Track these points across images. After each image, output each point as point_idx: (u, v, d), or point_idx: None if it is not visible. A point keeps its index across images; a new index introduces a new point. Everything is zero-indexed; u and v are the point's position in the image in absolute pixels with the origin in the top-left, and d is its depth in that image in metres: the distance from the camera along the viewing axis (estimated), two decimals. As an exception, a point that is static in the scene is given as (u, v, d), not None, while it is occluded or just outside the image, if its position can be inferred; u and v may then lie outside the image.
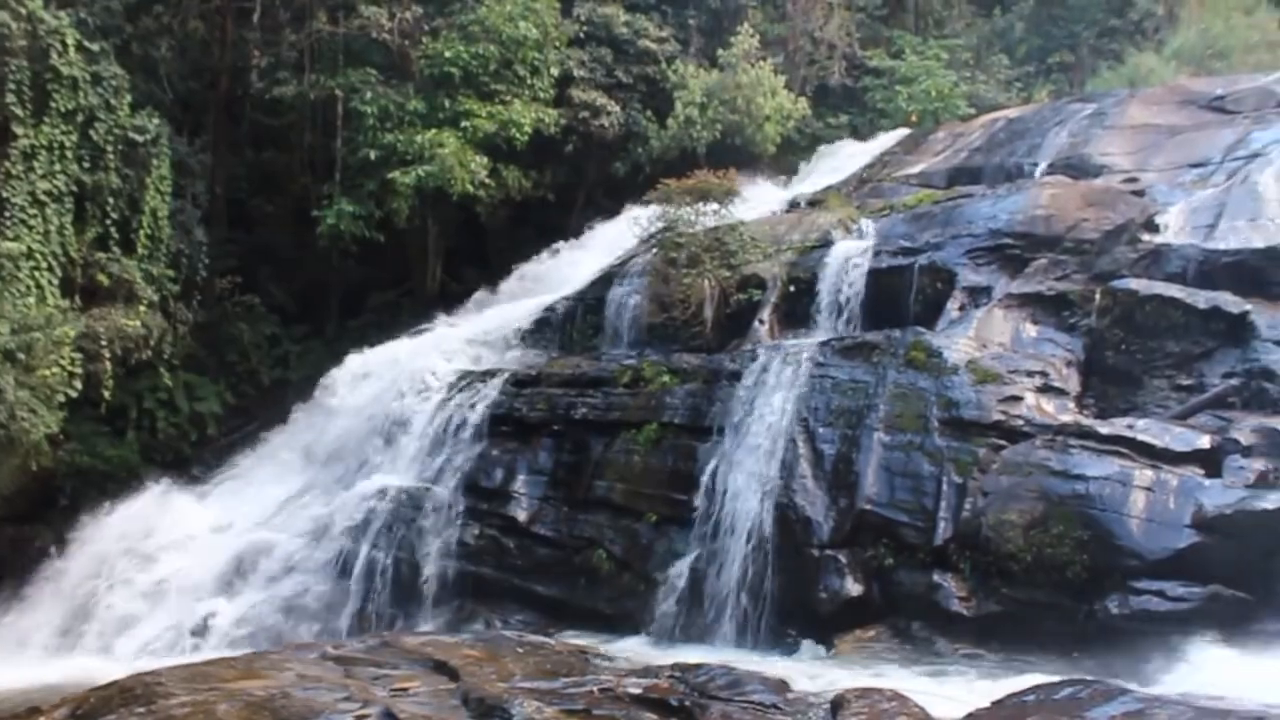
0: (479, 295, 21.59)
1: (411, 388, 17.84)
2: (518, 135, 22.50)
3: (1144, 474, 12.07)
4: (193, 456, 20.91)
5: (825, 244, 17.15)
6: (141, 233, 19.55)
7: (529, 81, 23.21)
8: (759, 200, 20.52)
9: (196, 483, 19.16)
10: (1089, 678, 8.98)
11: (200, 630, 15.53)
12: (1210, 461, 12.24)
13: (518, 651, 10.21)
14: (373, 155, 22.20)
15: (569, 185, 25.21)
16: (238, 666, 8.90)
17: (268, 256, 24.14)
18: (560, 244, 22.07)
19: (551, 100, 23.74)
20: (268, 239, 24.44)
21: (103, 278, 18.89)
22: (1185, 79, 22.97)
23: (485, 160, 22.15)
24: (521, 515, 15.85)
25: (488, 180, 22.26)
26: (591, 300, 18.57)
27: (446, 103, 22.46)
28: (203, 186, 22.00)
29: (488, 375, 17.49)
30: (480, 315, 20.40)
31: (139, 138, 19.37)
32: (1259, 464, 12.06)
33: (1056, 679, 8.95)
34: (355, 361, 19.50)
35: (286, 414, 19.93)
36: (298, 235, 23.61)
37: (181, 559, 16.78)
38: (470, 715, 7.87)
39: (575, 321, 18.62)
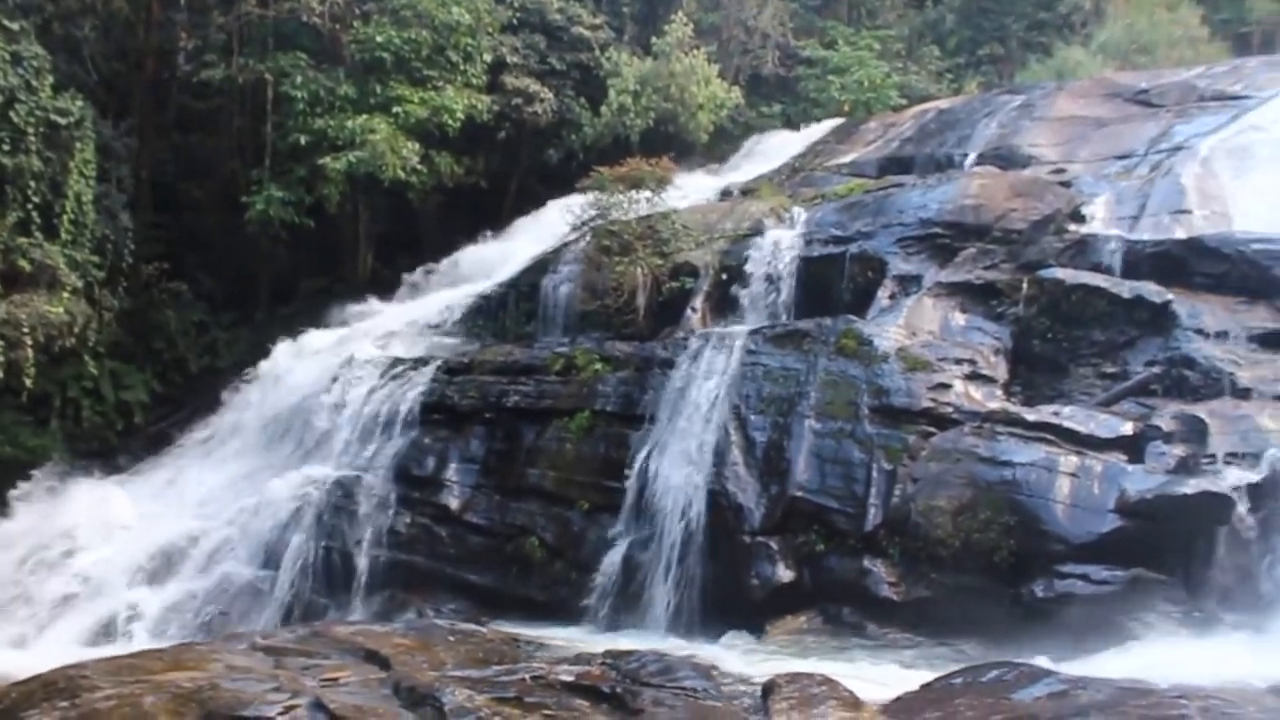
0: (411, 282, 21.41)
1: (343, 376, 17.65)
2: (450, 121, 22.32)
3: (1069, 460, 12.27)
4: (119, 446, 20.53)
5: (757, 232, 17.26)
6: (65, 217, 19.08)
7: (462, 67, 23.01)
8: (692, 188, 20.56)
9: (122, 472, 18.83)
10: (1015, 660, 9.12)
11: (126, 622, 15.25)
12: (1133, 448, 12.45)
13: (449, 640, 10.19)
14: (303, 140, 21.90)
15: (502, 172, 25.03)
16: (165, 658, 8.77)
17: (196, 242, 23.73)
18: (493, 231, 21.95)
19: (484, 86, 23.58)
20: (196, 225, 24.01)
21: (24, 263, 18.43)
22: (1111, 73, 23.37)
23: (417, 146, 21.93)
24: (453, 503, 15.74)
25: (420, 166, 22.04)
26: (524, 288, 18.52)
27: (378, 88, 22.20)
28: (128, 171, 21.56)
29: (419, 363, 17.36)
30: (412, 303, 20.26)
31: (61, 120, 18.91)
32: (1179, 450, 12.30)
33: (984, 662, 9.07)
34: (286, 349, 19.26)
35: (215, 402, 19.62)
36: (227, 221, 23.22)
37: (107, 549, 16.47)
38: (401, 704, 7.82)
39: (508, 309, 18.56)
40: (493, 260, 20.51)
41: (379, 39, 22.12)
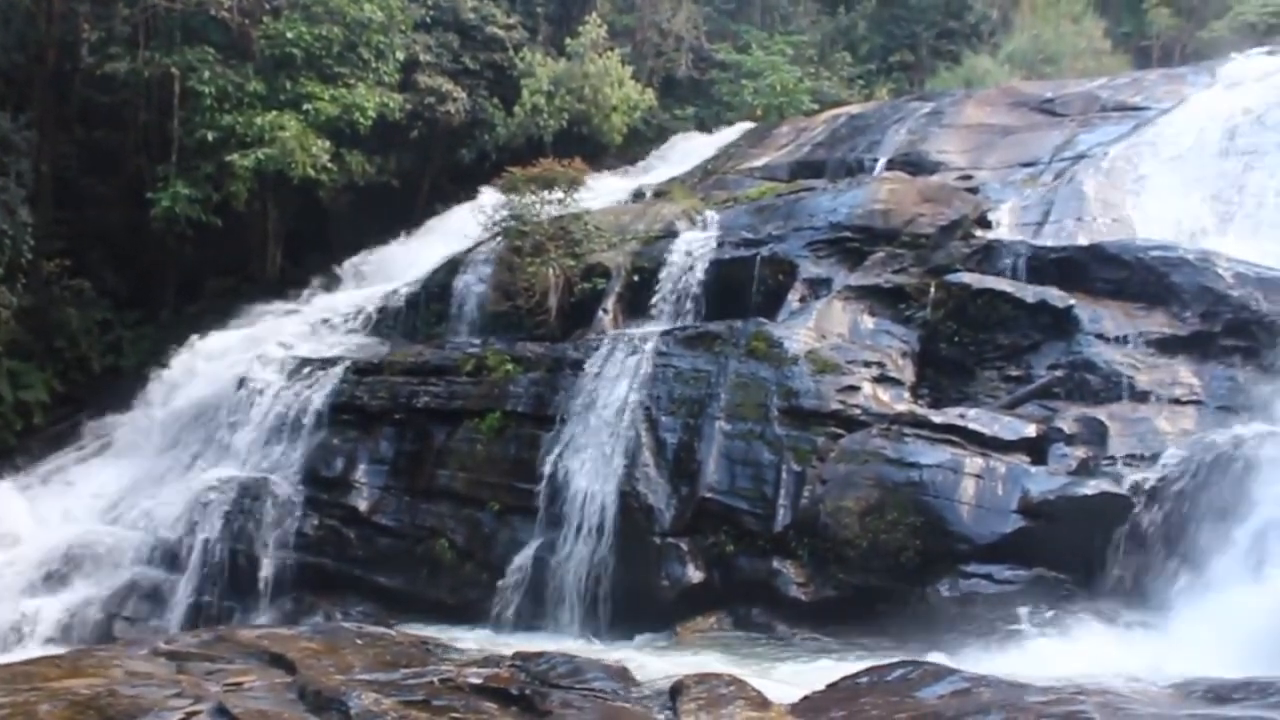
0: (320, 282, 21.18)
1: (250, 376, 17.40)
2: (361, 119, 22.11)
3: (974, 462, 12.48)
4: (17, 447, 19.99)
5: (669, 234, 17.31)
6: (-40, 212, 18.65)
7: (373, 65, 22.80)
8: (605, 190, 20.57)
9: (21, 474, 18.38)
10: (920, 659, 9.22)
11: (23, 629, 14.90)
12: (1036, 449, 12.71)
13: (357, 643, 10.04)
14: (210, 137, 21.53)
15: (414, 171, 24.85)
16: (63, 665, 8.52)
17: (100, 239, 23.21)
18: (405, 231, 21.78)
19: (396, 85, 23.39)
20: (100, 221, 23.46)
21: (-83, 259, 17.97)
22: (1018, 82, 23.79)
23: (327, 144, 21.70)
24: (362, 505, 15.61)
25: (330, 165, 21.81)
26: (435, 288, 18.39)
27: (288, 84, 21.93)
28: (28, 165, 20.94)
29: (328, 363, 17.15)
30: (321, 302, 20.01)
31: (-44, 112, 18.47)
32: (1080, 452, 12.58)
33: (889, 661, 9.16)
34: (193, 348, 18.95)
35: (119, 402, 19.26)
36: (132, 217, 22.74)
37: (3, 554, 16.07)
38: (306, 709, 7.68)
39: (419, 309, 18.41)
40: (404, 260, 20.40)
41: (289, 35, 21.83)
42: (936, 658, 9.49)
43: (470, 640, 12.31)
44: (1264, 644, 9.01)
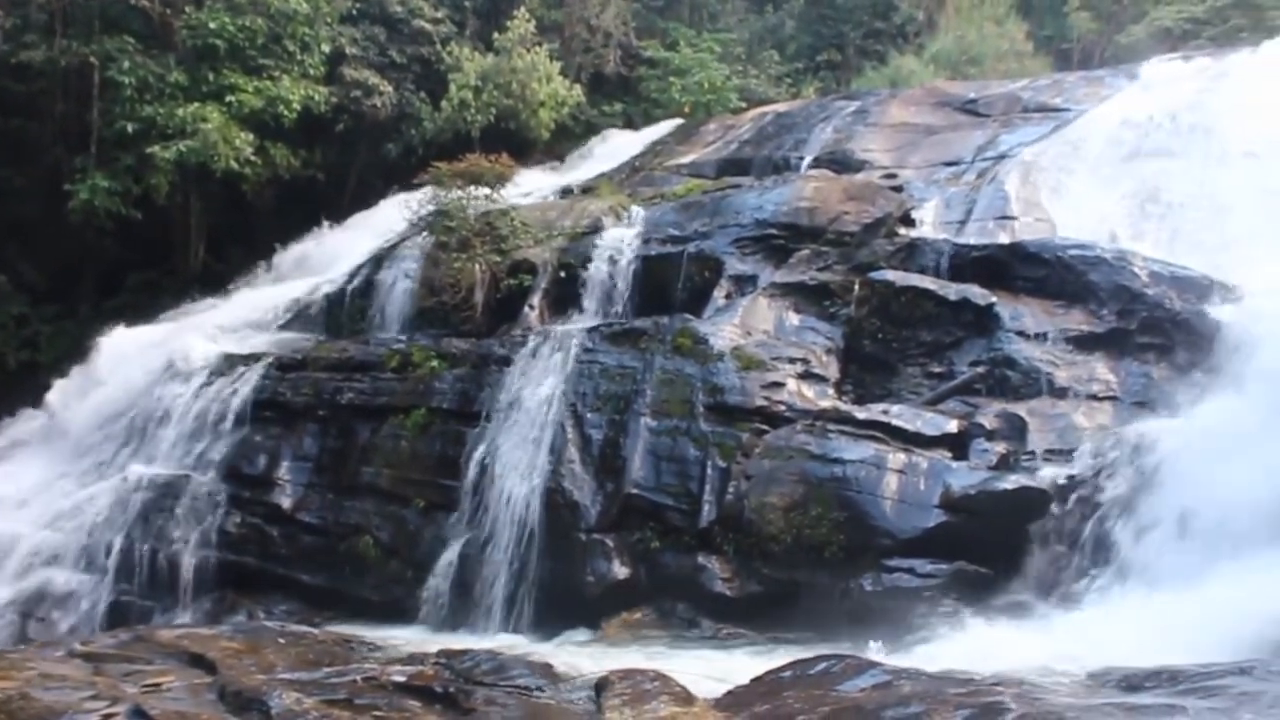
0: (244, 276, 20.94)
1: (171, 371, 17.16)
2: (286, 112, 21.90)
3: (897, 457, 12.58)
4: (-72, 444, 19.60)
5: (596, 230, 17.30)
6: None
7: (299, 57, 22.59)
8: (532, 186, 20.56)
9: (-69, 472, 17.97)
10: (843, 653, 9.29)
11: (-67, 632, 14.60)
12: (958, 445, 12.84)
13: (280, 642, 9.95)
14: (131, 128, 21.21)
15: (340, 165, 24.66)
16: (-26, 667, 8.37)
17: (16, 232, 22.76)
18: (330, 225, 21.57)
19: (322, 78, 23.19)
20: (16, 213, 22.99)
21: None
22: (942, 82, 24.05)
23: (251, 137, 21.46)
24: (286, 503, 15.47)
25: (254, 158, 21.58)
26: (360, 283, 18.23)
27: (211, 76, 21.66)
28: (-61, 155, 20.66)
29: (251, 359, 16.96)
30: (245, 297, 19.78)
31: None
32: (1001, 447, 12.75)
33: (813, 655, 9.24)
34: (113, 343, 18.61)
35: (36, 398, 18.89)
36: (50, 210, 22.32)
37: (-87, 554, 15.72)
38: (227, 709, 7.60)
39: (344, 305, 18.24)
40: (329, 255, 20.16)
41: (212, 25, 21.56)
42: (860, 651, 9.57)
43: (395, 638, 12.24)
44: (1175, 634, 9.19)
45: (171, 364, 17.25)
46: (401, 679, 8.18)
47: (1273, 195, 14.74)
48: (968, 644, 10.30)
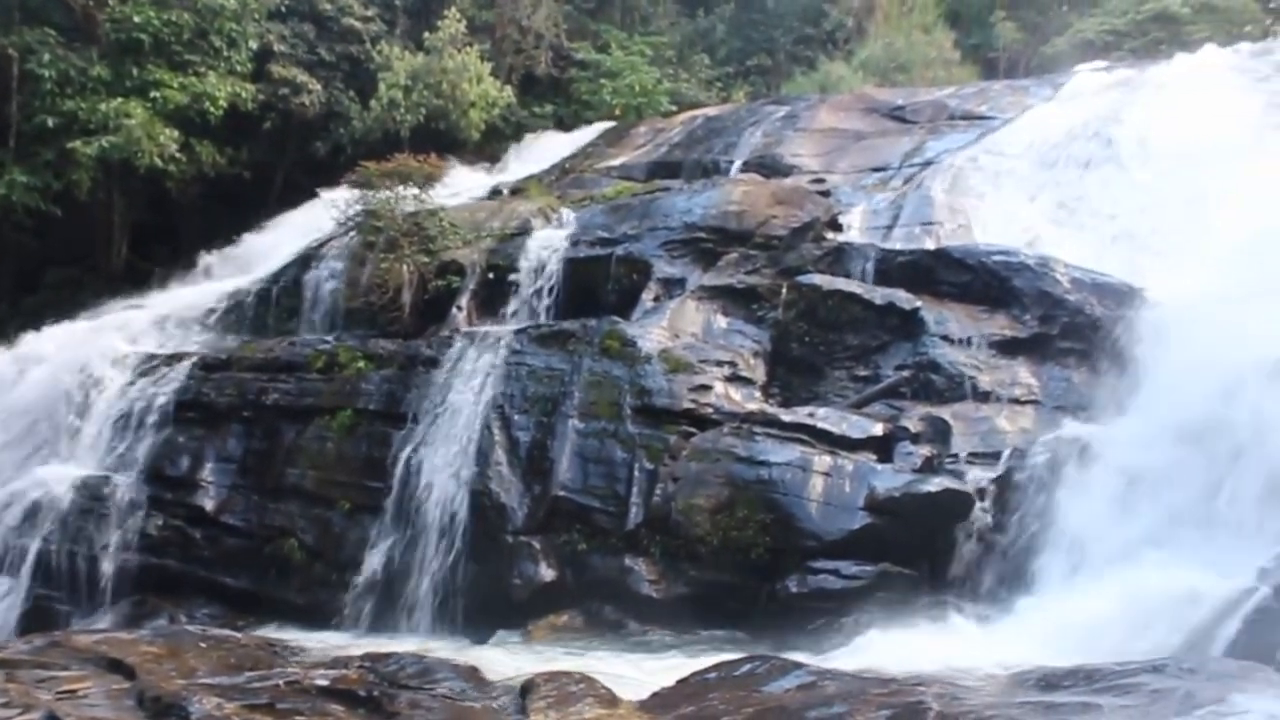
0: (168, 275, 20.63)
1: (92, 371, 16.85)
2: (212, 109, 21.60)
3: (823, 459, 12.68)
4: None
5: (525, 232, 17.24)
6: None
7: (225, 54, 22.28)
8: (461, 186, 20.45)
9: None
10: (768, 654, 9.36)
11: None
12: (883, 447, 12.97)
13: (201, 647, 9.79)
14: (51, 122, 20.80)
15: (267, 163, 24.36)
16: (-122, 674, 8.16)
17: (-70, 228, 22.32)
18: (257, 224, 21.32)
19: (249, 75, 22.90)
20: (-70, 208, 22.56)
21: None
22: (871, 88, 24.27)
23: (176, 134, 21.13)
24: (209, 505, 15.27)
25: (179, 155, 21.25)
26: (287, 283, 18.04)
27: (135, 71, 21.29)
28: None
29: (174, 359, 16.71)
30: (168, 295, 19.46)
31: None
32: (925, 450, 12.89)
33: (738, 656, 9.28)
34: (31, 341, 18.24)
35: (-51, 397, 18.48)
36: (-36, 205, 21.90)
37: None
38: (145, 715, 7.48)
39: (270, 304, 18.04)
40: (255, 254, 19.95)
41: (137, 19, 21.20)
42: (786, 653, 9.63)
43: (319, 642, 12.12)
44: (1092, 633, 9.37)
45: (92, 364, 16.92)
46: (325, 683, 8.10)
47: (1190, 203, 15.06)
48: (892, 645, 10.40)
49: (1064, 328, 13.89)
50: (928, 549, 12.11)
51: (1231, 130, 15.98)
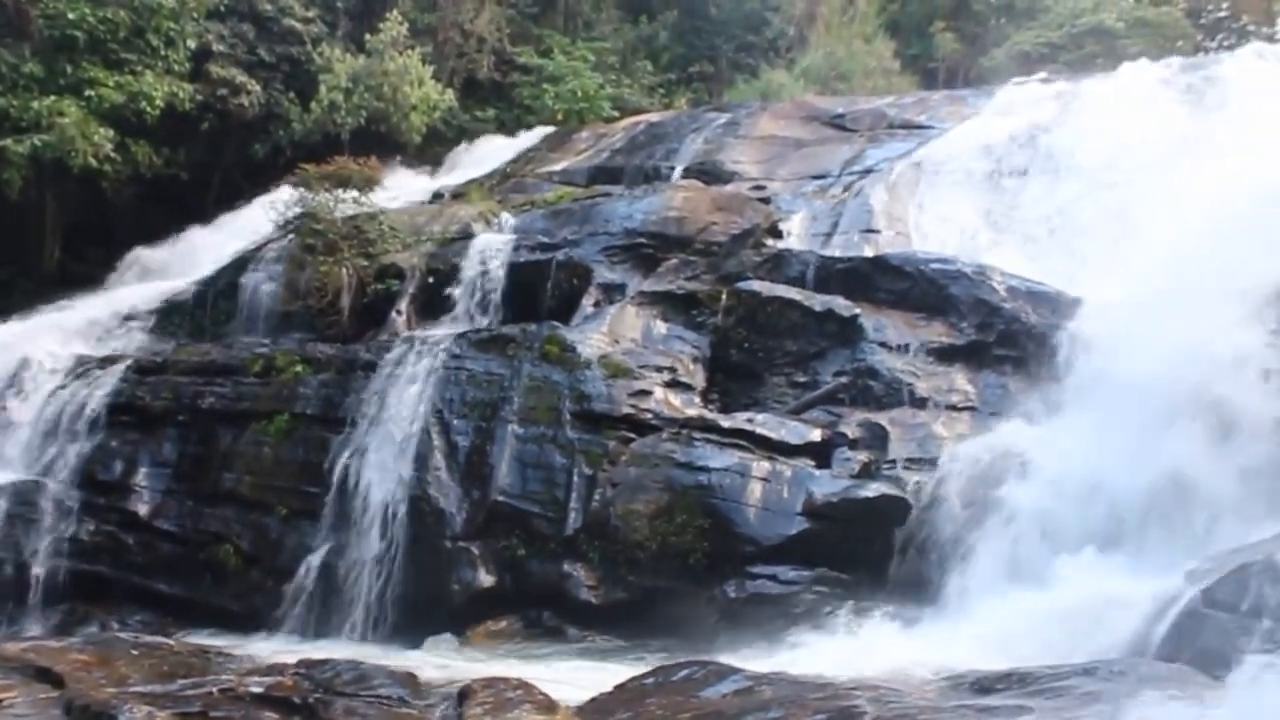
0: (103, 276, 20.33)
1: (22, 374, 16.57)
2: (148, 109, 21.30)
3: (761, 465, 12.77)
4: None
5: (465, 236, 17.21)
6: None
7: (163, 53, 21.98)
8: (402, 190, 20.39)
9: None
10: (706, 659, 9.38)
11: None
12: (821, 453, 13.08)
13: (133, 654, 9.67)
14: (-20, 120, 20.50)
15: (205, 165, 24.07)
16: None
17: None
18: (195, 226, 21.07)
19: (187, 75, 22.61)
20: None
21: None
22: (811, 96, 24.49)
23: (111, 133, 20.82)
24: (143, 510, 15.06)
25: (114, 155, 20.96)
26: (224, 285, 17.82)
27: (69, 68, 20.95)
28: None
29: (108, 361, 16.49)
30: (103, 298, 19.17)
31: None
32: (863, 455, 13.01)
33: (676, 662, 9.30)
34: (-43, 344, 17.95)
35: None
36: (-110, 203, 21.46)
37: None
38: (74, 724, 7.41)
39: (207, 307, 17.81)
40: (193, 256, 19.71)
41: (71, 15, 20.83)
42: (724, 658, 9.65)
43: (255, 648, 12.03)
44: (1026, 637, 9.49)
45: (23, 366, 16.65)
46: (259, 690, 8.04)
47: (1119, 213, 15.33)
48: (830, 649, 10.49)
49: (1000, 335, 14.09)
50: (865, 554, 12.22)
51: (1161, 142, 16.27)
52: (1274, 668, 5.84)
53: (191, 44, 22.65)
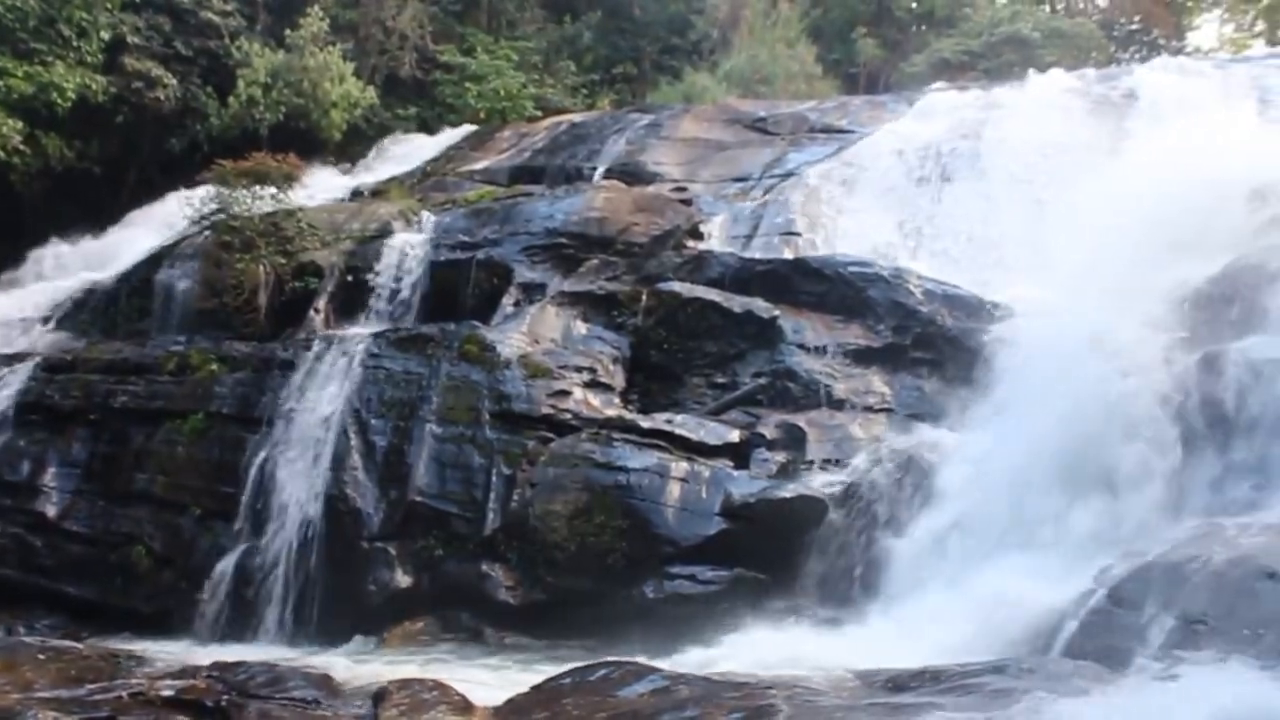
0: (10, 272, 19.91)
1: (-75, 372, 16.21)
2: (59, 100, 20.95)
3: (680, 466, 12.81)
4: None
5: (385, 234, 17.10)
6: None
7: (75, 43, 21.64)
8: (321, 187, 20.20)
9: None
10: (624, 659, 9.39)
11: None
12: (739, 454, 13.15)
13: (39, 659, 9.46)
14: (-119, 109, 20.00)
15: (120, 159, 23.69)
16: None
17: None
18: (108, 221, 20.71)
19: (101, 66, 22.24)
20: None
21: None
22: (734, 100, 24.63)
23: (20, 125, 20.49)
24: (51, 511, 14.76)
25: (23, 147, 20.63)
26: (138, 282, 17.57)
27: (-25, 57, 20.60)
28: None
29: (15, 359, 16.18)
30: (10, 294, 18.82)
31: None
32: (780, 456, 13.12)
33: (593, 662, 9.31)
34: None
35: None
36: None
37: None
38: (-25, 731, 7.24)
39: (119, 304, 17.56)
40: (106, 252, 19.44)
41: (-22, 3, 20.47)
42: (643, 658, 9.67)
43: (168, 652, 11.83)
44: (940, 636, 9.60)
45: (-74, 364, 16.27)
46: (170, 694, 7.92)
47: (1033, 218, 15.60)
48: (747, 649, 10.54)
49: (917, 338, 14.27)
50: (782, 554, 12.28)
51: (1073, 149, 16.60)
52: (1161, 668, 6.00)
53: (105, 35, 22.30)
